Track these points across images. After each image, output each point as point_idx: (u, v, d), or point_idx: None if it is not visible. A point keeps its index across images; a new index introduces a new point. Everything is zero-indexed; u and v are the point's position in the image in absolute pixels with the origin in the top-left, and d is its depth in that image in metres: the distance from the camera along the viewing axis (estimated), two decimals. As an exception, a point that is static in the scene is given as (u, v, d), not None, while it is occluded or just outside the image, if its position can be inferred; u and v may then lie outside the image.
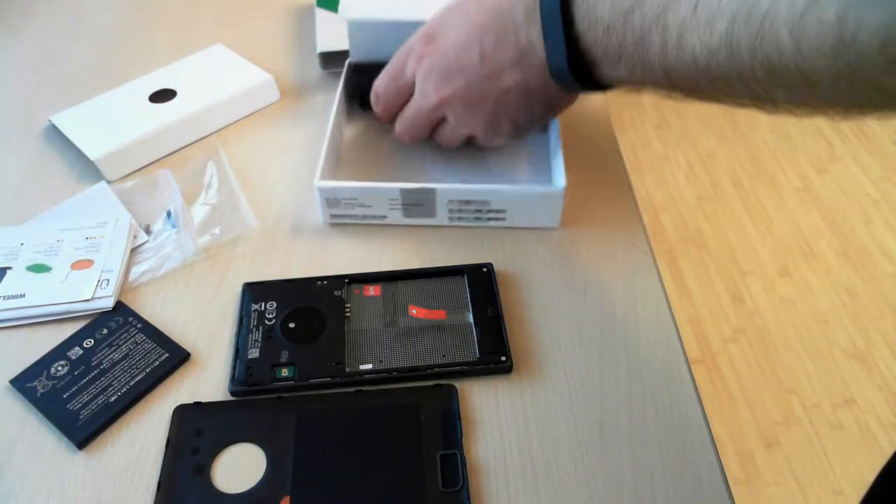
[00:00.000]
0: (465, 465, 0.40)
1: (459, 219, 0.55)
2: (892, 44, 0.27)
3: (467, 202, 0.53)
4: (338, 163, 0.60)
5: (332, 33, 0.71)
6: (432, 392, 0.44)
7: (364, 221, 0.56)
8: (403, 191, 0.53)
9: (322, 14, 0.74)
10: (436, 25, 0.49)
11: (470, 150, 0.59)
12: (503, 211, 0.54)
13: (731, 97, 0.38)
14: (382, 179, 0.53)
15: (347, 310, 0.48)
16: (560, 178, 0.53)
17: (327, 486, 0.40)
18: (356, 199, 0.54)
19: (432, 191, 0.52)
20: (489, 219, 0.54)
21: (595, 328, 0.48)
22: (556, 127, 0.57)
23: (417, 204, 0.54)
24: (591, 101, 0.67)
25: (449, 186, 0.52)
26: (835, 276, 1.67)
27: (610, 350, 0.47)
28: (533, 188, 0.53)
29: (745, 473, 1.31)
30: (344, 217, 0.55)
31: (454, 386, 0.44)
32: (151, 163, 0.62)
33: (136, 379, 0.45)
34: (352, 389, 0.44)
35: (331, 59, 0.70)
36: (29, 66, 0.75)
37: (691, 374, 0.45)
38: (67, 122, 0.64)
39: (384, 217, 0.55)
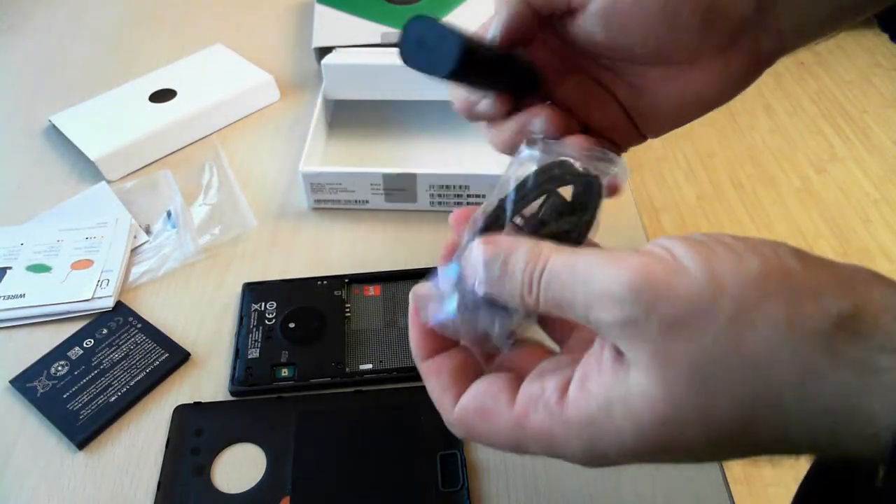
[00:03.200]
0: (465, 465, 0.40)
1: (440, 203, 0.56)
2: None
3: (447, 187, 0.54)
4: (326, 150, 0.62)
5: (328, 28, 0.71)
6: (432, 392, 0.44)
7: (347, 206, 0.57)
8: (385, 176, 0.54)
9: (321, 10, 0.74)
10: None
11: (453, 138, 0.61)
12: (483, 196, 0.55)
13: None
14: (368, 166, 0.55)
15: (347, 310, 0.48)
16: None
17: (327, 486, 0.40)
18: (340, 184, 0.55)
19: (413, 176, 0.54)
20: (469, 203, 0.55)
21: (595, 328, 0.48)
22: None
23: (399, 189, 0.55)
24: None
25: (429, 171, 0.54)
26: (835, 276, 1.67)
27: (610, 350, 0.47)
28: None
29: (745, 473, 1.31)
30: (328, 202, 0.57)
31: (454, 386, 0.44)
32: (151, 163, 0.62)
33: (136, 379, 0.45)
34: (352, 389, 0.44)
35: (327, 54, 0.70)
36: (29, 66, 0.75)
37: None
38: (67, 122, 0.64)
39: (367, 202, 0.56)
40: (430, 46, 0.30)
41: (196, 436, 0.42)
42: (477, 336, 0.29)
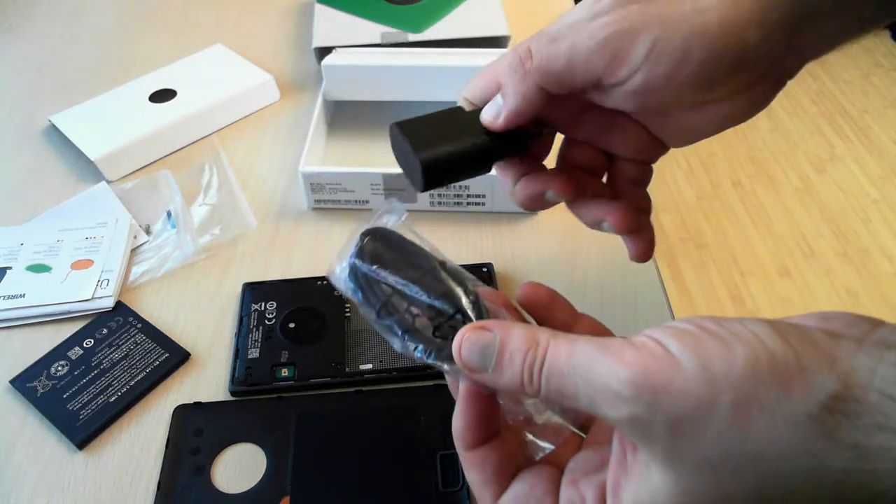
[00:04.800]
0: (465, 465, 0.40)
1: (440, 203, 0.56)
2: None
3: (447, 187, 0.55)
4: (326, 150, 0.62)
5: (328, 28, 0.71)
6: (432, 392, 0.44)
7: (347, 206, 0.56)
8: (385, 176, 0.54)
9: (321, 10, 0.74)
10: None
11: None
12: (482, 196, 0.55)
13: None
14: (368, 166, 0.55)
15: (347, 310, 0.48)
16: None
17: (327, 486, 0.40)
18: (339, 184, 0.55)
19: None
20: (469, 203, 0.55)
21: (595, 328, 0.48)
22: None
23: (399, 189, 0.55)
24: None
25: None
26: (835, 276, 1.67)
27: (610, 350, 0.47)
28: None
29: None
30: (328, 202, 0.56)
31: (454, 386, 0.44)
32: (151, 163, 0.62)
33: (136, 379, 0.45)
34: (352, 389, 0.44)
35: (327, 54, 0.70)
36: (29, 66, 0.75)
37: (691, 374, 0.45)
38: (67, 122, 0.64)
39: (367, 202, 0.56)
40: (406, 159, 0.32)
41: (196, 436, 0.42)
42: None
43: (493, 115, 0.32)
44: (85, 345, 0.47)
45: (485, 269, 0.51)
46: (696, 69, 0.28)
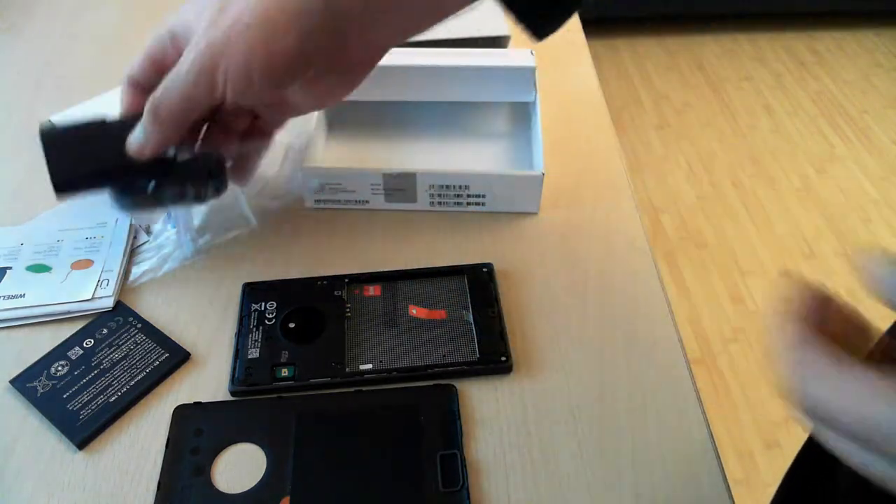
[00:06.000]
0: (465, 465, 0.40)
1: (440, 203, 0.56)
2: None
3: (447, 187, 0.54)
4: (325, 150, 0.62)
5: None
6: (432, 392, 0.44)
7: (347, 206, 0.57)
8: (385, 175, 0.54)
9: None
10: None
11: (453, 139, 0.61)
12: (482, 196, 0.55)
13: None
14: (368, 166, 0.55)
15: (347, 310, 0.48)
16: (539, 162, 0.55)
17: (327, 486, 0.40)
18: (339, 184, 0.55)
19: (412, 175, 0.54)
20: (469, 203, 0.55)
21: (595, 328, 0.48)
22: (537, 114, 0.59)
23: (399, 189, 0.55)
24: (590, 102, 0.67)
25: (428, 170, 0.54)
26: (835, 276, 1.67)
27: (610, 350, 0.47)
28: (511, 172, 0.55)
29: (744, 473, 1.31)
30: (328, 202, 0.57)
31: (454, 386, 0.44)
32: (151, 163, 0.62)
33: (136, 379, 0.45)
34: (352, 389, 0.44)
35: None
36: (29, 66, 0.75)
37: (691, 374, 0.45)
38: (67, 122, 0.64)
39: (367, 202, 0.56)
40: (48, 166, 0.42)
41: (196, 436, 0.42)
42: None
43: (139, 147, 0.43)
44: (85, 345, 0.47)
45: (485, 269, 0.51)
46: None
